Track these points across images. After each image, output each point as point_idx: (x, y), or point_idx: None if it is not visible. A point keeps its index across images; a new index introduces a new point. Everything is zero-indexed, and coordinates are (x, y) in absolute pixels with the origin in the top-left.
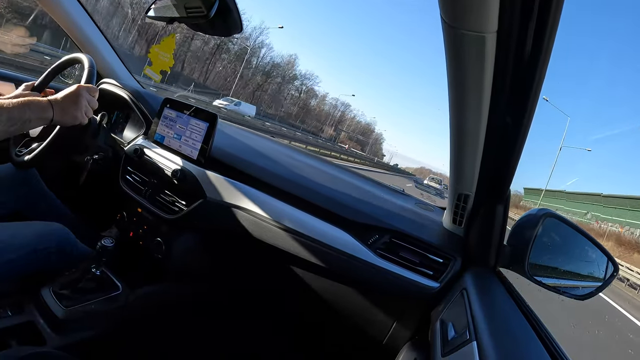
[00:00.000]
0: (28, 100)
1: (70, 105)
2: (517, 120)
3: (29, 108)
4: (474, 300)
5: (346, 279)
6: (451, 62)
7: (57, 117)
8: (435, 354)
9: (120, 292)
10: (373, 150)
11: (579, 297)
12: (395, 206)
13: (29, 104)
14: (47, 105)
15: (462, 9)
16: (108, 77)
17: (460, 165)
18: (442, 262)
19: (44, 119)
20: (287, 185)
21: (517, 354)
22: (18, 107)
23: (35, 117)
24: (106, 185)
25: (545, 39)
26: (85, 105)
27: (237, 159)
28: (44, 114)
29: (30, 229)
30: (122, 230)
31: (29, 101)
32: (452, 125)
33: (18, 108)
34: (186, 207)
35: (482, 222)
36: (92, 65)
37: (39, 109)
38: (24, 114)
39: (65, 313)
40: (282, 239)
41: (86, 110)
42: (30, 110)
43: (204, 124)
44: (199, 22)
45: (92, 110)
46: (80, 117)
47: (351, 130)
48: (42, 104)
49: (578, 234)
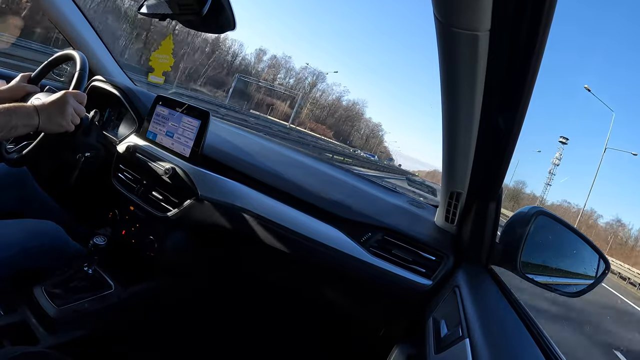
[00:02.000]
0: (14, 107)
1: (56, 113)
2: (509, 118)
3: (15, 114)
4: (466, 297)
5: (339, 276)
6: (444, 60)
7: (42, 125)
8: (428, 352)
9: (112, 290)
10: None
11: (571, 295)
12: (388, 204)
13: (15, 110)
14: (33, 112)
15: (455, 7)
16: (100, 74)
17: (453, 163)
18: (434, 259)
19: (30, 126)
20: (279, 183)
21: (509, 351)
22: (3, 114)
23: (21, 123)
24: (98, 183)
25: (538, 37)
26: (71, 113)
27: (229, 156)
28: (30, 121)
29: (23, 227)
30: (115, 229)
31: (15, 107)
32: (444, 123)
33: (3, 114)
34: (178, 205)
35: (475, 220)
36: (83, 66)
37: (25, 115)
38: (10, 121)
39: (57, 312)
40: (274, 237)
41: (72, 118)
42: (17, 117)
43: (196, 122)
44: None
45: (79, 118)
46: (66, 125)
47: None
48: (28, 110)
49: (570, 232)
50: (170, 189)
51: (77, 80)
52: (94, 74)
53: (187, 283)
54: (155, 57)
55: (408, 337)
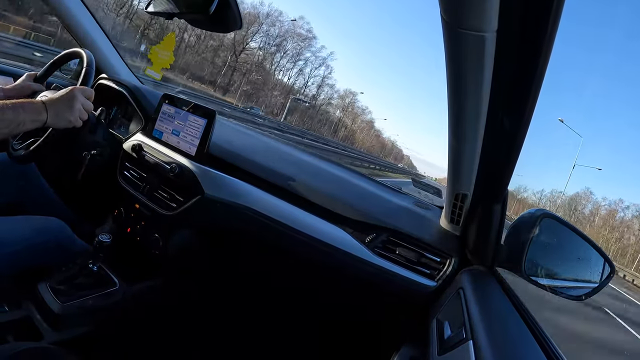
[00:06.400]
0: (22, 102)
1: (64, 109)
2: (516, 120)
3: (23, 110)
4: (470, 299)
5: (343, 277)
6: (450, 61)
7: (50, 120)
8: (431, 353)
9: (117, 288)
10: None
11: (576, 298)
12: (394, 205)
13: (23, 105)
14: (41, 107)
15: (462, 8)
16: (107, 72)
17: (458, 165)
18: (439, 261)
19: (38, 121)
20: (285, 182)
21: (513, 354)
22: (12, 109)
23: (29, 119)
24: (104, 181)
25: (545, 38)
26: (79, 108)
27: (235, 155)
28: (38, 116)
29: (28, 224)
30: (120, 226)
31: (23, 103)
32: (450, 124)
33: (12, 109)
34: (184, 204)
35: (480, 222)
36: (90, 63)
37: (33, 111)
38: (18, 116)
39: (62, 308)
40: (279, 236)
41: (80, 114)
42: (25, 112)
43: (202, 120)
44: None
45: (87, 114)
46: (74, 120)
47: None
48: (36, 106)
49: (575, 235)
50: (176, 187)
51: (84, 77)
52: (100, 72)
53: (191, 281)
54: (155, 51)
55: (411, 338)
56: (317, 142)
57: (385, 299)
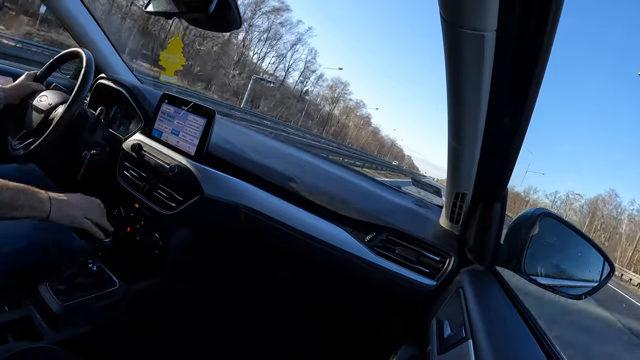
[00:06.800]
0: (25, 187)
1: (70, 208)
2: (515, 119)
3: (24, 194)
4: (470, 298)
5: (343, 276)
6: (450, 60)
7: (53, 215)
8: (431, 352)
9: (117, 287)
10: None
11: (575, 297)
12: (393, 204)
13: (24, 190)
14: (45, 198)
15: (461, 7)
16: (106, 71)
17: (458, 164)
18: (438, 260)
19: (39, 212)
20: (284, 182)
21: (512, 353)
22: (11, 190)
23: (28, 204)
24: (103, 181)
25: (545, 37)
26: (86, 215)
27: (234, 155)
28: (40, 205)
29: (27, 223)
30: (119, 226)
31: (25, 187)
32: (450, 123)
33: (11, 191)
34: (183, 203)
35: (479, 221)
36: (89, 62)
37: (35, 199)
38: (18, 199)
39: (61, 308)
40: (279, 236)
41: (87, 214)
42: (25, 197)
43: (201, 120)
44: (197, 18)
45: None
46: (80, 219)
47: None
48: (39, 195)
49: (574, 234)
50: (176, 187)
51: (84, 76)
52: (100, 71)
53: (191, 281)
54: (165, 57)
55: (411, 338)
56: (282, 130)
57: (384, 298)
